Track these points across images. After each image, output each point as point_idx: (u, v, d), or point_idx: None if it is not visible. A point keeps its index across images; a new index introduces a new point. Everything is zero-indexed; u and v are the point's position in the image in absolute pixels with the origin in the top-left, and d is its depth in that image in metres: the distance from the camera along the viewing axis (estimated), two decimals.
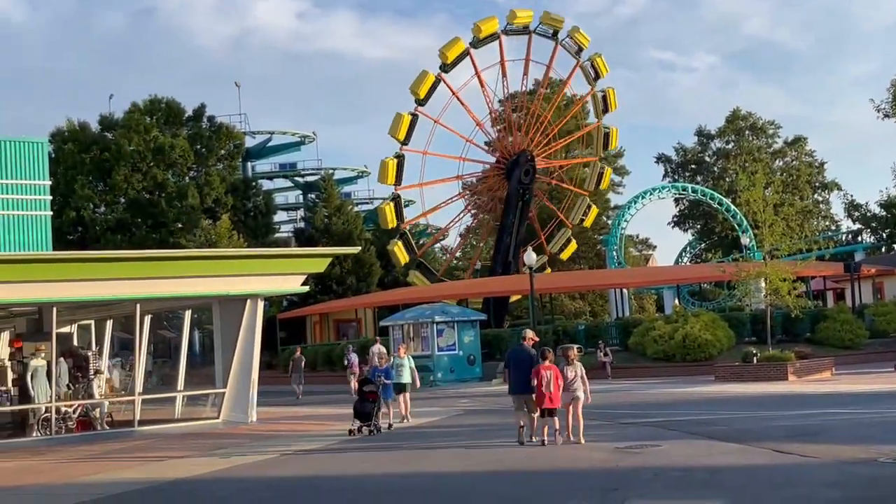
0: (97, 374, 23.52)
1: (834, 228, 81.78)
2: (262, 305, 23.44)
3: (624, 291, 58.89)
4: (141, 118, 61.46)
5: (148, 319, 24.66)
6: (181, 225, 59.19)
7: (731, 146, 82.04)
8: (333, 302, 57.76)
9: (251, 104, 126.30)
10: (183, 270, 22.03)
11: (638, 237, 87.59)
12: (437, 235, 68.58)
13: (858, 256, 61.13)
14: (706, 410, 20.66)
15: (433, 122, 54.85)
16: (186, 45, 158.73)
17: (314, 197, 72.46)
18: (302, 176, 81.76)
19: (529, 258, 39.41)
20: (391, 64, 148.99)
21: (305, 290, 25.74)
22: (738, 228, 59.93)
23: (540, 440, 15.89)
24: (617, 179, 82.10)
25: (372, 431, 19.14)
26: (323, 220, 64.91)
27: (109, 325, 27.00)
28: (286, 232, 78.65)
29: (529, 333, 17.27)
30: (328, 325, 59.20)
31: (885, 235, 71.32)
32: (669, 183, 75.72)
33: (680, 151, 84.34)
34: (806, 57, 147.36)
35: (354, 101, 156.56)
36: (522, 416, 16.36)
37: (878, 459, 12.64)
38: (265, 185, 75.60)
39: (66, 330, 25.68)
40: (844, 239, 73.37)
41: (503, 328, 48.77)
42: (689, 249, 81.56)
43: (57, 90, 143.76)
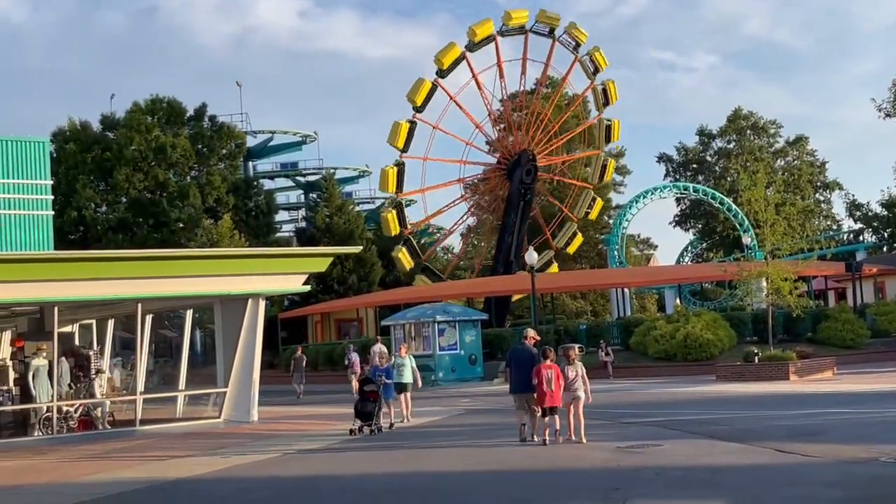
0: (98, 373, 23.53)
1: (835, 228, 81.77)
2: (263, 305, 23.46)
3: (625, 291, 58.87)
4: (142, 118, 61.45)
5: (149, 319, 24.66)
6: (182, 224, 59.20)
7: (732, 146, 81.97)
8: (335, 301, 57.76)
9: (252, 103, 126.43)
10: (184, 270, 22.05)
11: (639, 237, 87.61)
12: (441, 239, 68.65)
13: (860, 256, 61.13)
14: (707, 410, 20.65)
15: (432, 127, 54.80)
16: (188, 44, 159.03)
17: (315, 196, 72.53)
18: (303, 175, 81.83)
19: (531, 257, 39.41)
20: (392, 63, 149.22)
21: (307, 289, 25.75)
22: (739, 228, 59.93)
23: (541, 439, 15.89)
24: (618, 179, 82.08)
25: (373, 431, 19.16)
26: (324, 219, 64.91)
27: (111, 324, 26.99)
28: (287, 231, 78.72)
29: (531, 332, 17.28)
30: (329, 324, 59.21)
31: (886, 235, 71.31)
32: (671, 182, 75.65)
33: (681, 151, 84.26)
34: (807, 57, 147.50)
35: (356, 100, 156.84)
36: (523, 415, 16.38)
37: (879, 459, 12.63)
38: (266, 184, 75.71)
39: (67, 329, 25.66)
40: (846, 238, 73.40)
41: (505, 328, 48.75)
42: (690, 249, 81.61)
43: (58, 90, 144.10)
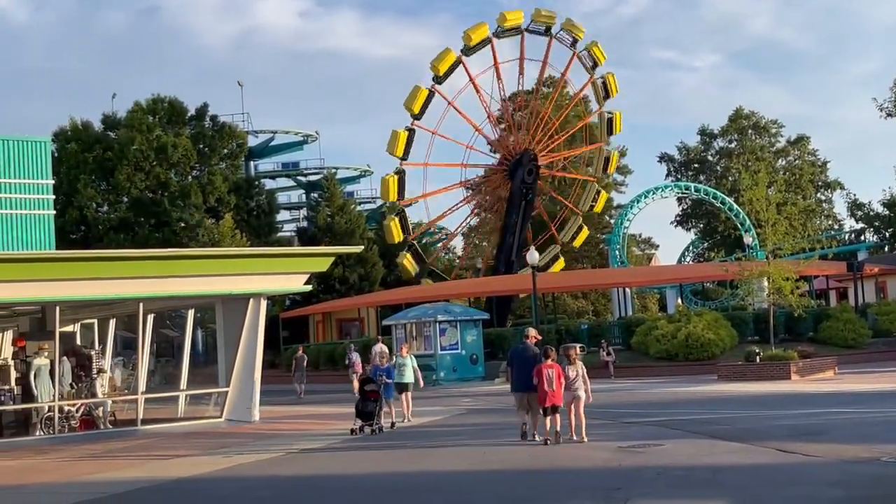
0: (100, 372, 23.55)
1: (837, 228, 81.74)
2: (265, 304, 23.46)
3: (627, 291, 58.85)
4: (144, 117, 61.44)
5: (151, 318, 24.66)
6: (184, 224, 59.23)
7: (733, 145, 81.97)
8: (336, 301, 57.77)
9: (254, 103, 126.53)
10: (186, 270, 22.06)
11: (641, 236, 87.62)
12: (445, 242, 68.79)
13: (861, 256, 61.13)
14: (709, 410, 20.64)
15: (431, 133, 54.72)
16: (189, 44, 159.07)
17: (317, 196, 72.51)
18: (304, 175, 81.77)
19: (532, 257, 39.40)
20: (394, 63, 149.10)
21: (308, 289, 25.76)
22: (740, 227, 59.96)
23: (543, 439, 15.89)
24: (620, 179, 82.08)
25: (374, 431, 19.16)
26: (325, 219, 64.90)
27: (112, 324, 27.02)
28: (289, 231, 78.72)
29: (532, 331, 17.29)
30: (331, 324, 59.22)
31: (887, 234, 71.28)
32: (672, 182, 75.65)
33: (683, 150, 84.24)
34: (808, 56, 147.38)
35: (357, 100, 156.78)
36: (524, 414, 16.38)
37: (880, 459, 12.63)
38: (268, 184, 75.66)
39: (69, 329, 25.66)
40: (847, 238, 73.35)
41: (506, 327, 48.76)
42: (691, 249, 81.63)
43: (60, 89, 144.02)
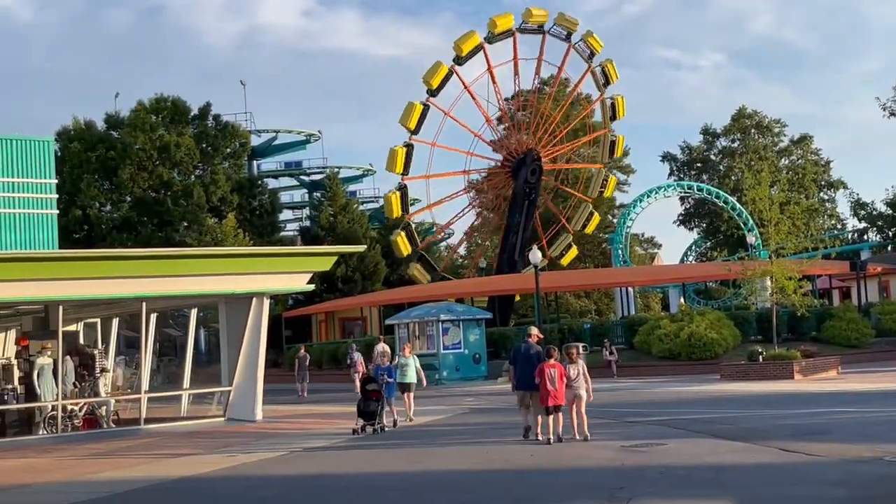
0: (103, 372, 23.58)
1: (840, 227, 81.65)
2: (267, 304, 23.47)
3: (629, 290, 58.84)
4: (147, 117, 61.50)
5: (154, 318, 24.71)
6: (187, 223, 59.28)
7: (736, 145, 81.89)
8: (339, 300, 57.76)
9: (256, 103, 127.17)
10: (189, 269, 22.07)
11: (643, 236, 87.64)
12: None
13: (864, 255, 61.09)
14: (712, 409, 20.62)
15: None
16: (192, 43, 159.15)
17: (319, 195, 72.47)
18: (307, 174, 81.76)
19: (535, 257, 39.36)
20: (396, 62, 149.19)
21: (311, 288, 25.75)
22: (743, 227, 59.90)
23: (545, 438, 15.87)
24: (622, 178, 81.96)
25: (376, 430, 19.16)
26: (328, 218, 64.89)
27: (115, 323, 27.06)
28: (292, 231, 78.71)
29: (534, 330, 17.27)
30: (334, 323, 59.23)
31: (891, 234, 71.17)
32: (675, 181, 75.57)
33: (685, 150, 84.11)
34: (812, 55, 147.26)
35: (360, 99, 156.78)
36: (527, 413, 16.37)
37: (884, 458, 12.62)
38: (271, 183, 75.69)
39: (72, 328, 25.68)
40: (850, 237, 73.33)
41: (509, 327, 48.76)
42: (694, 248, 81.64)
43: (63, 89, 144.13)
